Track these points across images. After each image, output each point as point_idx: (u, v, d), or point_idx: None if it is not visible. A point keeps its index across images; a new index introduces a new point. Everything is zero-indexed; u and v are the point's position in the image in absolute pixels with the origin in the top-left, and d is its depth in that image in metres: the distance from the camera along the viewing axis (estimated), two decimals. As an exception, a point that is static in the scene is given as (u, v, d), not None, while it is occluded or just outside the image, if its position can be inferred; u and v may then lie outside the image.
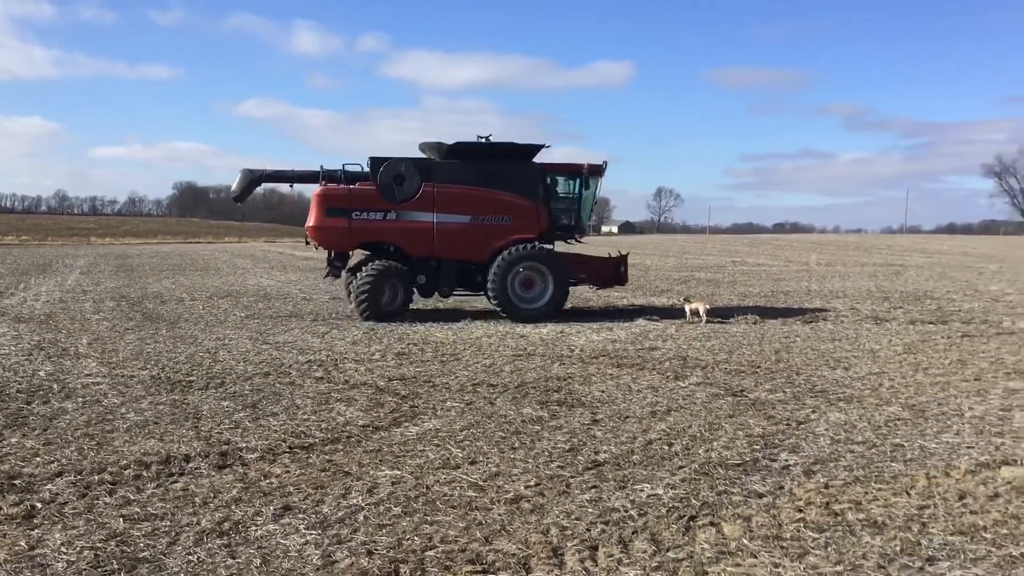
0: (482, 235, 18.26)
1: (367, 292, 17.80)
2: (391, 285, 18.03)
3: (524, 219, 18.31)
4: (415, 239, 18.29)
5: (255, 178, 19.54)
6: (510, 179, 18.31)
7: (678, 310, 19.25)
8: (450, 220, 18.24)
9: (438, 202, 18.22)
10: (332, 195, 18.34)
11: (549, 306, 18.14)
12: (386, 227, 18.25)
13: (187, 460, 7.55)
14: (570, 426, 8.86)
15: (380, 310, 17.87)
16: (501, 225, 18.28)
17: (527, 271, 18.12)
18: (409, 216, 18.21)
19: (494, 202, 18.26)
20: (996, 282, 28.68)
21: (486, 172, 18.30)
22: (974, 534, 5.79)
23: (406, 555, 5.45)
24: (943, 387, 10.82)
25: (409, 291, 18.43)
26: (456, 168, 18.38)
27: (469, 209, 18.26)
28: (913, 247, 60.06)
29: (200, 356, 13.12)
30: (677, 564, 5.31)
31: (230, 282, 28.83)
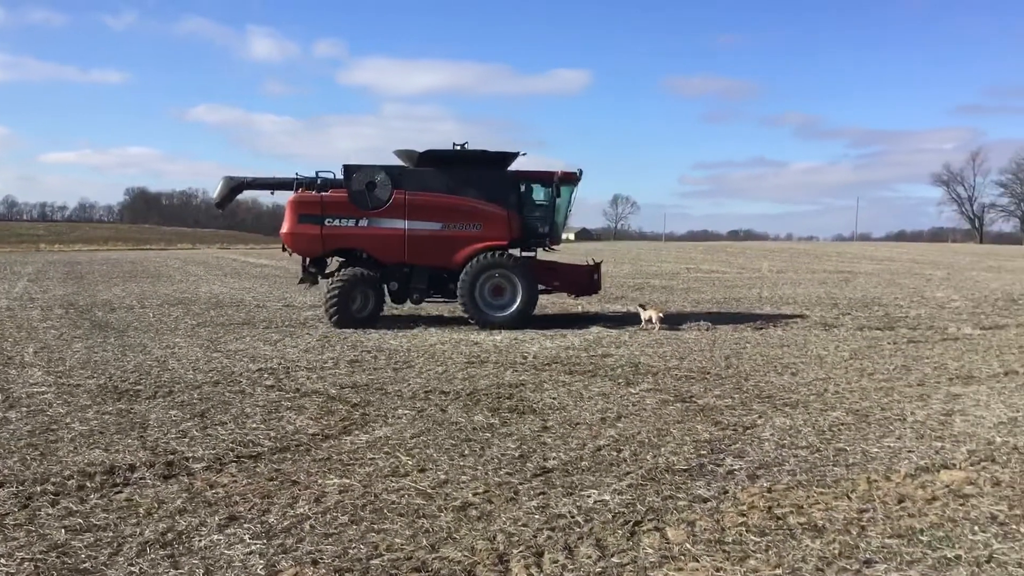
0: (453, 242, 18.29)
1: (336, 299, 17.90)
2: (361, 292, 18.12)
3: (495, 226, 18.32)
4: (386, 246, 18.37)
5: (236, 185, 19.67)
6: (481, 187, 18.33)
7: (632, 317, 19.40)
8: (421, 227, 18.28)
9: (409, 209, 18.27)
10: (305, 202, 18.44)
11: (517, 314, 18.12)
12: (358, 234, 18.34)
13: (132, 470, 7.47)
14: (520, 433, 8.90)
15: (351, 317, 17.95)
16: (472, 233, 18.29)
17: (496, 278, 18.14)
18: (381, 223, 18.28)
19: (465, 209, 18.28)
20: (943, 289, 29.25)
21: (457, 179, 18.34)
22: (911, 537, 5.93)
23: (351, 564, 5.44)
24: (887, 392, 11.03)
25: (381, 298, 18.53)
26: (428, 176, 18.45)
27: (440, 216, 18.29)
28: (863, 254, 60.99)
29: (149, 365, 12.97)
30: (621, 569, 5.37)
31: (182, 289, 28.50)
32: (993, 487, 7.06)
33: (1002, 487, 7.06)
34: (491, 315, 18.10)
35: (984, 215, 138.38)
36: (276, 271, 40.76)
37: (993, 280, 33.92)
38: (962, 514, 6.40)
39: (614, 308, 22.06)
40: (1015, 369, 12.66)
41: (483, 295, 18.12)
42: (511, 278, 18.13)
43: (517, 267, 18.14)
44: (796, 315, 20.45)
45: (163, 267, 43.50)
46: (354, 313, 18.07)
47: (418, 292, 18.68)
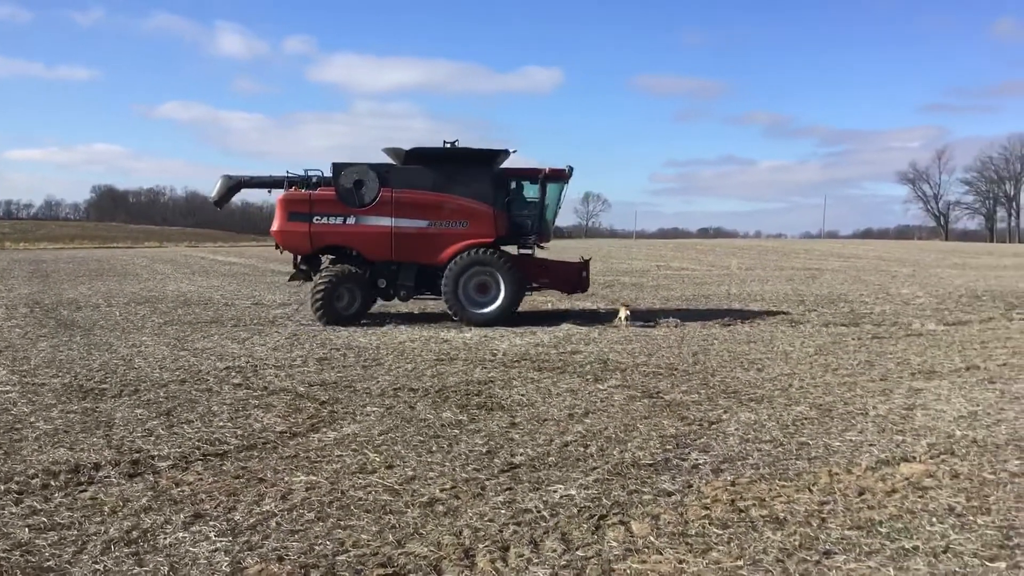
0: (439, 239, 18.34)
1: (322, 297, 18.03)
2: (348, 289, 18.23)
3: (480, 224, 18.34)
4: (373, 243, 18.50)
5: (233, 184, 19.87)
6: (467, 184, 18.35)
7: (602, 314, 19.51)
8: (407, 224, 18.38)
9: (395, 207, 18.38)
10: (294, 200, 18.62)
11: (499, 311, 18.12)
12: (346, 231, 18.46)
13: (97, 469, 7.43)
14: (488, 429, 8.94)
15: (337, 314, 18.06)
16: (458, 230, 18.33)
17: (481, 276, 18.17)
18: (368, 220, 18.40)
19: (451, 207, 18.32)
20: (908, 285, 29.62)
21: (444, 177, 18.37)
22: (870, 528, 6.03)
23: (317, 560, 5.46)
24: (850, 387, 11.18)
25: (368, 295, 18.64)
26: (414, 173, 18.53)
27: (426, 214, 18.37)
28: (830, 252, 61.61)
29: (115, 363, 12.87)
30: (585, 562, 5.43)
31: (149, 288, 28.25)
32: (952, 480, 7.19)
33: (960, 479, 7.19)
34: (474, 312, 18.13)
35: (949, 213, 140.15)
36: (245, 269, 40.53)
37: (957, 277, 34.40)
38: (921, 506, 6.52)
39: (584, 305, 22.13)
40: (976, 364, 12.87)
41: (467, 292, 18.14)
42: (495, 275, 18.14)
43: (500, 264, 18.11)
44: (764, 311, 20.64)
45: (130, 265, 43.10)
46: (340, 310, 18.16)
47: (405, 289, 18.75)
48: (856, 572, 5.26)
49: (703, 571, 5.27)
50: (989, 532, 5.96)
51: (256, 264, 45.91)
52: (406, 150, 18.64)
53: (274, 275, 36.00)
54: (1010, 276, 34.69)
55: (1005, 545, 5.73)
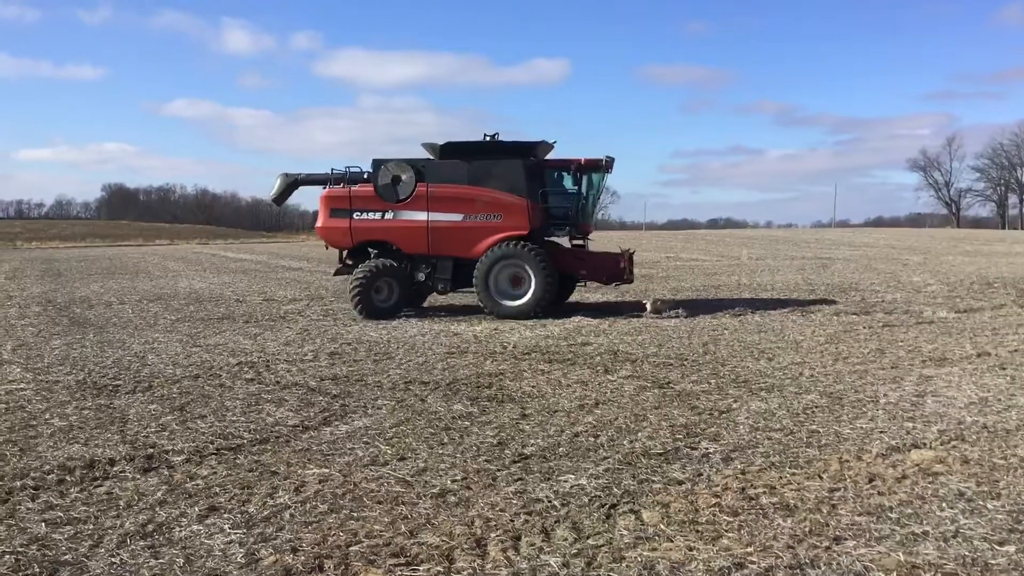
0: (474, 233, 18.42)
1: (359, 290, 18.30)
2: (385, 283, 18.53)
3: (515, 216, 18.31)
4: (411, 238, 18.74)
5: (292, 182, 20.31)
6: (501, 177, 18.37)
7: (612, 306, 19.54)
8: (443, 219, 18.55)
9: (431, 201, 18.57)
10: (335, 196, 19.12)
11: (530, 304, 17.99)
12: (384, 226, 18.82)
13: (112, 464, 7.51)
14: (499, 421, 8.99)
15: (374, 307, 18.35)
16: (492, 223, 18.37)
17: (511, 269, 18.14)
18: (405, 215, 18.70)
19: (485, 200, 18.37)
20: (919, 273, 29.52)
21: (478, 171, 18.45)
22: (880, 514, 6.05)
23: (330, 551, 5.52)
24: (861, 375, 11.18)
25: (407, 289, 18.85)
26: (449, 167, 18.66)
27: (461, 207, 18.48)
28: (841, 241, 61.39)
29: (128, 360, 12.97)
30: (596, 550, 5.47)
31: (160, 285, 28.40)
32: (962, 465, 7.20)
33: (970, 465, 7.20)
34: (504, 305, 18.11)
35: (961, 200, 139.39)
36: (255, 265, 40.66)
37: (969, 264, 34.26)
38: (931, 492, 6.53)
39: (595, 298, 22.15)
40: (987, 351, 12.85)
41: (498, 285, 18.15)
42: (525, 268, 18.05)
43: (530, 257, 17.95)
44: (774, 301, 20.62)
45: (141, 263, 43.30)
46: (378, 303, 18.45)
47: (443, 283, 18.86)
48: (866, 557, 5.28)
49: (713, 558, 5.30)
50: (999, 516, 5.97)
51: (267, 260, 46.05)
52: (441, 144, 18.81)
53: (285, 271, 36.12)
54: (1022, 263, 34.52)
55: (1015, 529, 5.74)
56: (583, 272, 19.49)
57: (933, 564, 5.19)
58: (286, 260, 46.41)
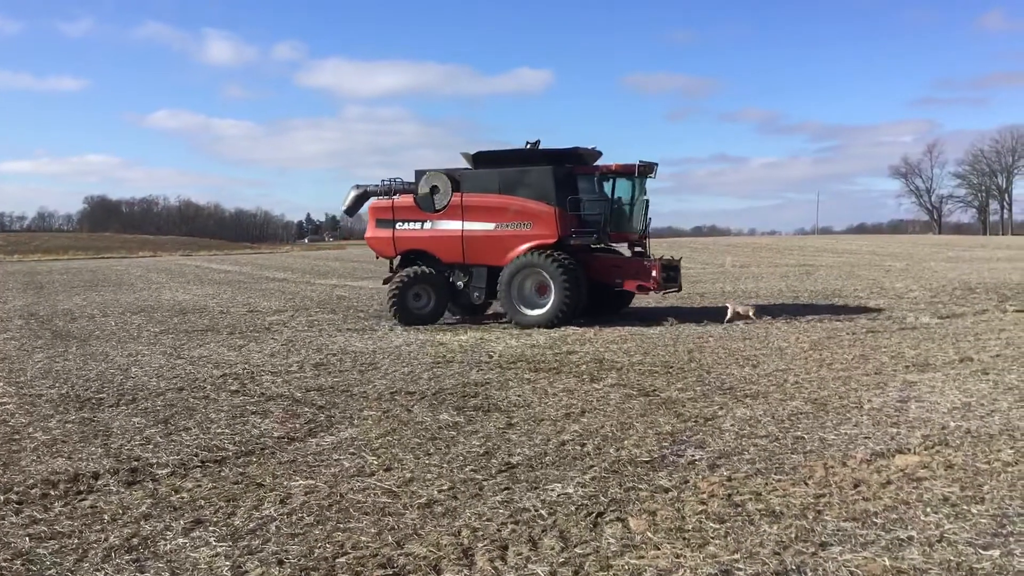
0: (505, 242, 18.46)
1: (394, 298, 18.76)
2: (422, 290, 18.93)
3: (543, 224, 18.22)
4: (447, 247, 19.02)
5: (362, 193, 20.56)
6: (531, 185, 18.34)
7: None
8: (476, 228, 18.73)
9: (465, 211, 18.78)
10: (380, 207, 19.67)
11: (550, 314, 17.78)
12: (423, 236, 19.20)
13: (96, 477, 7.46)
14: (485, 430, 8.98)
15: (410, 314, 18.78)
16: (522, 232, 18.36)
17: (535, 277, 18.01)
18: (441, 225, 19.01)
19: (515, 208, 18.40)
20: (902, 280, 29.72)
21: (509, 179, 18.51)
22: (866, 520, 6.08)
23: (317, 563, 5.50)
24: (845, 381, 11.23)
25: (444, 297, 19.15)
26: (482, 177, 18.82)
27: (492, 216, 18.58)
28: (825, 247, 61.75)
29: (111, 373, 12.89)
30: (583, 559, 5.47)
31: (144, 297, 28.27)
32: (946, 470, 7.24)
33: (955, 470, 7.24)
34: (525, 314, 18.05)
35: (942, 206, 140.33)
36: (239, 277, 40.54)
37: (951, 270, 34.51)
38: (915, 497, 6.56)
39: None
40: (970, 356, 12.93)
41: (523, 294, 18.10)
42: (546, 277, 17.86)
43: (549, 265, 17.71)
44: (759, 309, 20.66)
45: (124, 275, 43.07)
46: (414, 310, 18.80)
47: (478, 291, 18.92)
48: (852, 563, 5.30)
49: (700, 565, 5.31)
50: (983, 521, 6.01)
51: (251, 272, 45.93)
52: (473, 153, 18.97)
53: (269, 282, 36.02)
54: (1003, 268, 34.81)
55: (999, 533, 5.77)
56: (617, 280, 18.82)
57: (918, 569, 5.21)
58: (270, 271, 46.28)
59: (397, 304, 18.71)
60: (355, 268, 48.06)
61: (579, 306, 18.16)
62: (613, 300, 19.76)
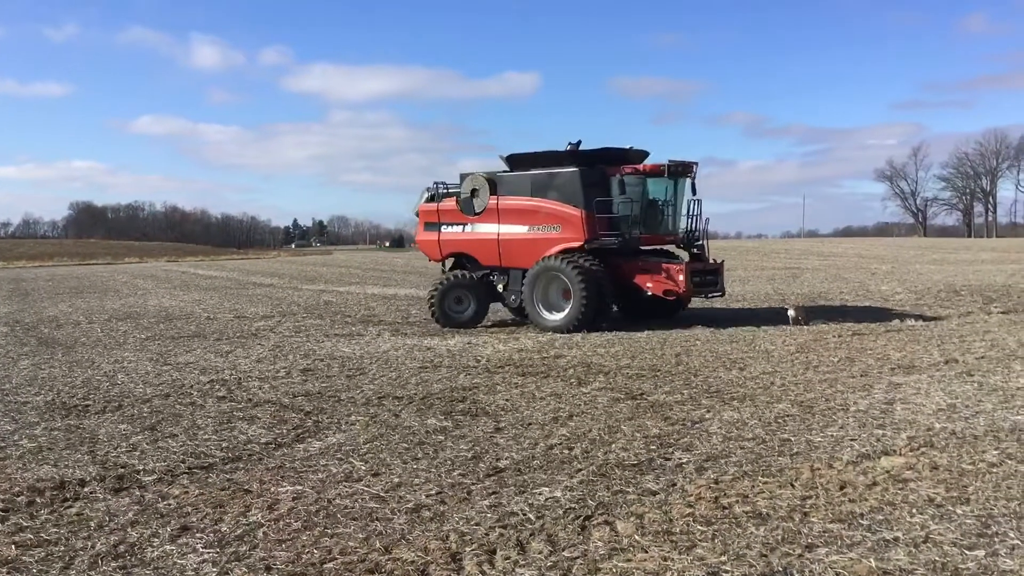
0: (537, 245, 18.37)
1: (434, 301, 19.03)
2: (462, 294, 19.06)
3: (571, 227, 18.01)
4: (485, 250, 19.17)
5: (433, 196, 20.50)
6: (560, 187, 18.19)
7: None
8: (511, 231, 18.77)
9: (501, 214, 18.84)
10: (427, 211, 19.99)
11: (568, 319, 17.44)
12: (464, 239, 19.44)
13: (82, 485, 7.43)
14: (473, 435, 8.98)
15: (450, 317, 18.94)
16: (552, 235, 18.27)
17: (557, 281, 17.80)
18: (480, 228, 19.19)
19: (545, 211, 18.33)
20: (887, 282, 29.85)
21: (539, 181, 18.46)
22: (852, 521, 6.11)
23: (305, 568, 5.49)
24: (831, 383, 11.28)
25: (484, 300, 19.22)
26: (516, 179, 18.82)
27: (525, 219, 18.59)
28: (810, 250, 61.99)
29: (97, 380, 12.83)
30: (571, 562, 5.48)
31: (130, 304, 28.15)
32: (931, 471, 7.27)
33: (940, 471, 7.28)
34: (546, 319, 17.91)
35: (927, 209, 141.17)
36: (226, 282, 40.41)
37: (936, 272, 34.68)
38: (901, 498, 6.60)
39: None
40: (955, 358, 13.00)
41: (548, 298, 17.99)
42: (565, 282, 17.61)
43: (568, 269, 17.38)
44: (745, 311, 20.76)
45: (110, 281, 42.88)
46: (454, 314, 18.93)
47: (515, 295, 18.79)
48: (838, 564, 5.33)
49: (688, 568, 5.33)
50: (968, 521, 6.04)
51: (237, 277, 45.79)
52: (505, 156, 19.01)
53: (256, 288, 35.92)
54: (988, 270, 35.01)
55: (984, 534, 5.81)
56: (648, 285, 18.02)
57: (904, 570, 5.24)
58: (257, 276, 46.18)
59: (437, 307, 18.92)
60: (342, 274, 47.99)
61: (601, 312, 17.77)
62: (668, 305, 19.01)
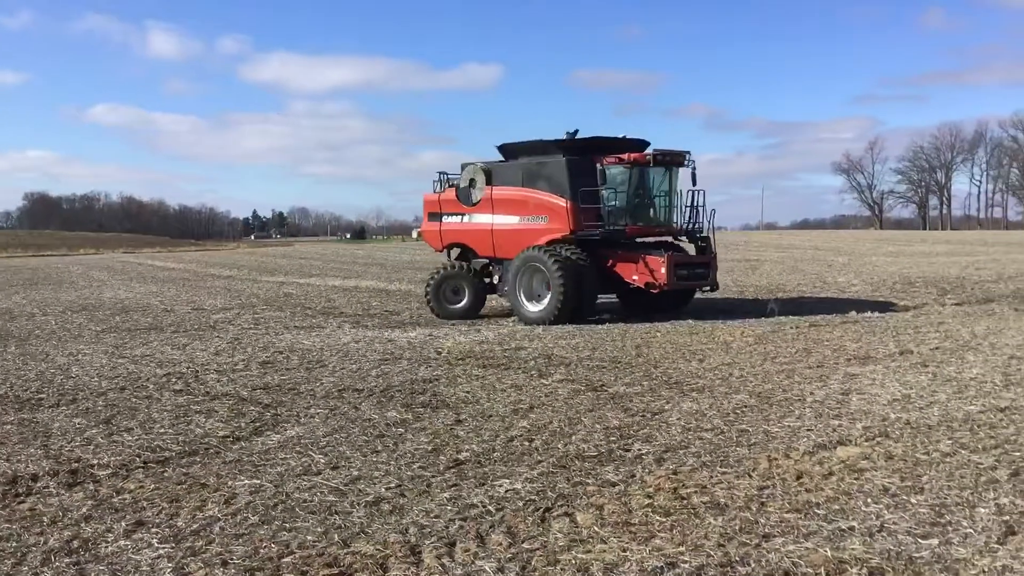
0: (526, 236, 18.28)
1: (429, 292, 19.11)
2: (459, 285, 19.05)
3: (557, 218, 17.92)
4: (480, 241, 19.19)
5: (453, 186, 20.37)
6: (548, 177, 18.09)
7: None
8: (503, 222, 18.75)
9: (494, 204, 18.82)
10: (430, 201, 20.08)
11: (547, 311, 17.25)
12: (462, 229, 19.50)
13: (35, 479, 7.30)
14: (434, 427, 8.95)
15: (445, 309, 18.92)
16: (540, 226, 18.21)
17: (538, 273, 17.64)
18: (476, 219, 19.21)
19: (534, 202, 18.29)
20: (844, 274, 30.25)
21: (529, 171, 18.39)
22: (808, 511, 6.17)
23: (262, 563, 5.44)
24: (789, 374, 11.40)
25: (480, 291, 19.16)
26: (509, 170, 18.81)
27: (516, 210, 18.55)
28: (769, 243, 62.65)
29: (51, 373, 12.62)
30: (531, 554, 5.48)
31: (85, 295, 27.72)
32: (886, 461, 7.38)
33: (894, 460, 7.38)
34: (528, 311, 17.79)
35: (883, 202, 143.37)
36: (184, 274, 39.95)
37: (891, 264, 35.21)
38: (856, 487, 6.68)
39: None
40: (910, 349, 13.19)
41: (530, 289, 17.89)
42: (544, 274, 17.44)
43: (546, 260, 17.21)
44: (706, 304, 20.89)
45: (65, 273, 42.21)
46: (450, 305, 18.93)
47: (509, 285, 18.56)
48: (795, 553, 5.38)
49: (646, 558, 5.35)
50: (922, 511, 6.13)
51: (196, 269, 45.29)
52: (498, 146, 19.06)
53: (215, 279, 35.55)
54: (942, 263, 35.60)
55: (937, 523, 5.89)
56: (634, 277, 17.77)
57: (859, 559, 5.30)
58: (216, 268, 45.69)
59: (432, 298, 18.97)
60: (302, 265, 47.64)
61: (580, 304, 17.50)
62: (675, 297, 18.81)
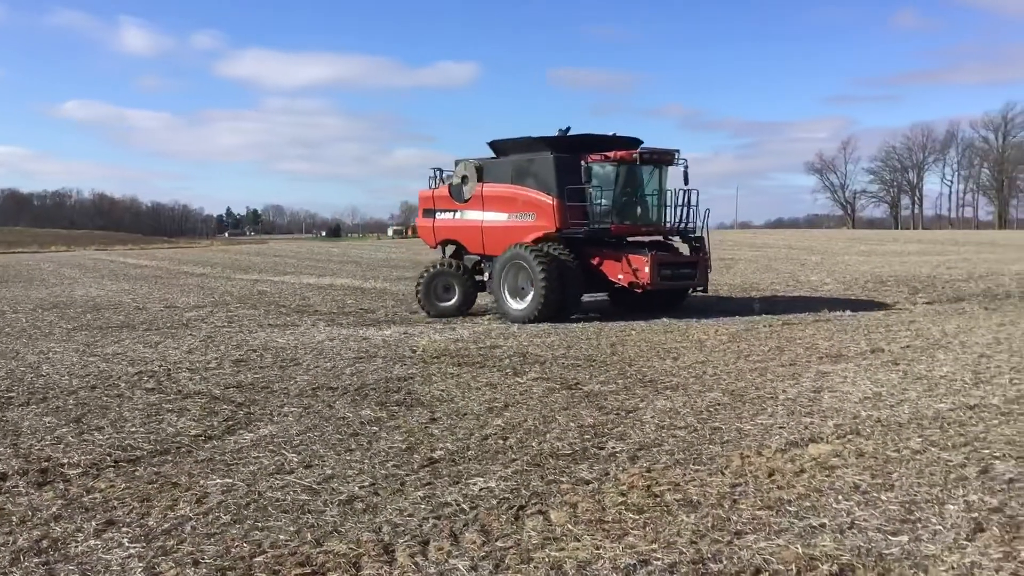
0: (514, 233, 18.17)
1: (420, 290, 18.90)
2: (449, 283, 18.86)
3: (544, 215, 17.82)
4: (470, 237, 19.08)
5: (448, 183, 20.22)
6: (535, 174, 18.00)
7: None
8: (492, 218, 18.65)
9: (484, 201, 18.72)
10: (425, 197, 19.97)
11: (530, 309, 17.14)
12: (454, 226, 19.39)
13: (4, 479, 7.22)
14: (408, 426, 8.93)
15: (436, 307, 18.71)
16: (527, 223, 18.11)
17: (522, 271, 17.46)
18: (466, 215, 19.09)
19: (522, 199, 18.19)
20: (816, 273, 30.46)
21: (518, 168, 18.28)
22: (780, 508, 6.22)
23: (234, 562, 5.40)
24: (761, 372, 11.47)
25: (471, 288, 18.94)
26: (499, 166, 18.68)
27: (505, 207, 18.47)
28: (743, 242, 62.92)
29: (21, 371, 12.47)
30: (504, 552, 5.48)
31: (56, 293, 27.42)
32: (857, 458, 7.44)
33: (865, 458, 7.45)
34: (512, 308, 17.61)
35: (856, 201, 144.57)
36: (156, 272, 39.62)
37: (864, 264, 35.48)
38: (828, 485, 6.74)
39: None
40: (881, 347, 13.32)
41: (516, 287, 17.69)
42: (527, 271, 17.28)
43: (529, 258, 17.05)
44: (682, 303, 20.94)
45: (36, 270, 41.74)
46: (440, 303, 18.74)
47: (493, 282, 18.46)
48: (767, 550, 5.42)
49: (619, 555, 5.37)
50: (892, 508, 6.19)
51: (168, 267, 44.93)
52: (488, 142, 18.94)
53: (187, 277, 35.29)
54: (913, 262, 35.93)
55: (907, 519, 5.95)
56: (619, 276, 17.55)
57: (830, 556, 5.35)
58: (188, 266, 45.36)
59: (423, 296, 18.83)
60: (276, 263, 47.38)
61: (564, 303, 17.33)
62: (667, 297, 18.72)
